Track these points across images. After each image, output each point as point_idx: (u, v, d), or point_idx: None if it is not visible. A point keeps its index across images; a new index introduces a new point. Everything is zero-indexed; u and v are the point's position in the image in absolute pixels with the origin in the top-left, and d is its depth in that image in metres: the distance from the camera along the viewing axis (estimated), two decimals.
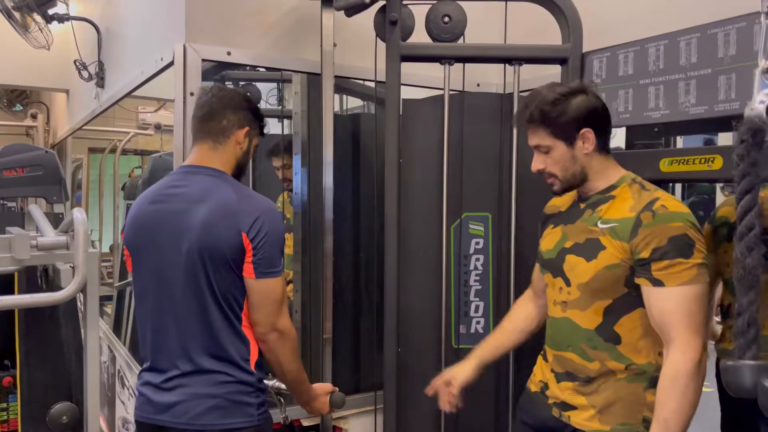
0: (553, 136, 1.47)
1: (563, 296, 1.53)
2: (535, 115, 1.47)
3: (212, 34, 2.02)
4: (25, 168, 3.09)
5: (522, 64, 2.01)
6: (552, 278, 1.57)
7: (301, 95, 2.30)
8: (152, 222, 1.53)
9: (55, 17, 3.35)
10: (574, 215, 1.57)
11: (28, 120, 6.63)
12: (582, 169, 1.50)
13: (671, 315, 1.34)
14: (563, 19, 1.96)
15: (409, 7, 2.00)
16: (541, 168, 1.52)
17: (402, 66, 1.96)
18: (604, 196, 1.51)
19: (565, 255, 1.53)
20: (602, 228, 1.45)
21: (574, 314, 1.50)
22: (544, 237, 1.66)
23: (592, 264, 1.44)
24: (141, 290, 1.56)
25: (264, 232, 1.44)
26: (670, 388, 1.33)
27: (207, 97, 1.58)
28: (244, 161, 1.61)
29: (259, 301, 1.48)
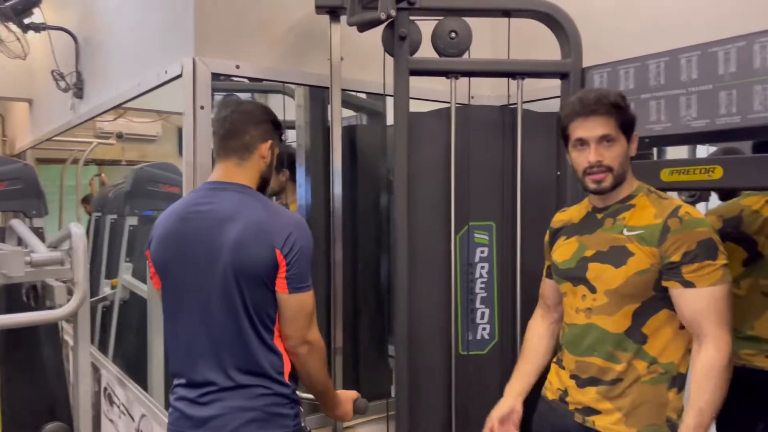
0: (621, 129, 1.52)
1: (587, 303, 1.58)
2: (619, 102, 1.51)
3: (220, 47, 2.02)
4: (3, 182, 3.01)
5: (525, 78, 2.09)
6: (572, 287, 1.63)
7: (304, 108, 2.32)
8: (183, 239, 1.52)
9: (32, 26, 3.26)
10: (591, 226, 1.63)
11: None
12: (626, 171, 1.58)
13: (703, 313, 1.43)
14: (564, 35, 2.05)
15: (416, 23, 2.06)
16: (600, 160, 1.52)
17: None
18: (624, 205, 1.58)
19: (587, 264, 1.58)
20: (629, 235, 1.53)
21: (601, 320, 1.56)
22: (556, 249, 1.71)
23: (622, 270, 1.51)
24: (172, 307, 1.56)
25: (297, 247, 1.46)
26: (705, 380, 1.41)
27: (227, 113, 1.58)
28: (268, 174, 1.62)
29: (292, 315, 1.49)
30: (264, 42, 2.12)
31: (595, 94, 1.54)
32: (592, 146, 1.53)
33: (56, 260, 2.36)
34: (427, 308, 2.14)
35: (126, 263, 3.54)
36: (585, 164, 1.54)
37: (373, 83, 2.18)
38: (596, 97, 1.53)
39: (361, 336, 2.43)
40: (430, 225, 2.13)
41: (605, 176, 1.54)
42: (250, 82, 2.82)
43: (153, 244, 1.57)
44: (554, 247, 1.73)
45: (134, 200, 3.51)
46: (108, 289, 4.12)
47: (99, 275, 4.18)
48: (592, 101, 1.52)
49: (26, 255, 2.32)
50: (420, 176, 2.12)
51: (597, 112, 1.51)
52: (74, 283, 2.28)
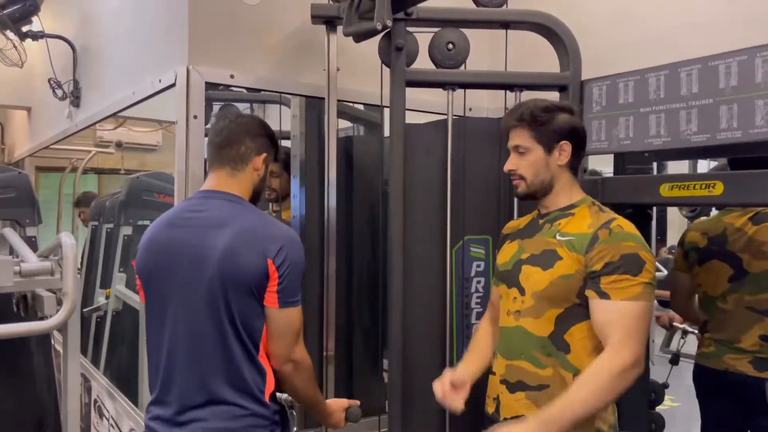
0: (535, 139, 1.58)
1: (517, 305, 1.59)
2: (525, 115, 1.58)
3: (215, 56, 2.00)
4: None
5: (523, 90, 2.06)
6: (506, 289, 1.64)
7: (299, 118, 2.29)
8: (169, 248, 1.49)
9: (30, 35, 3.25)
10: (532, 230, 1.66)
11: None
12: (551, 179, 1.59)
13: (612, 325, 1.42)
14: (562, 47, 2.02)
15: (413, 34, 2.04)
16: (512, 168, 1.61)
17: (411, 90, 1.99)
18: (564, 213, 1.60)
19: (521, 266, 1.60)
20: (560, 240, 1.54)
21: (527, 322, 1.56)
22: (501, 252, 1.74)
23: (548, 273, 1.52)
24: (155, 318, 1.51)
25: (289, 260, 1.43)
26: (591, 378, 1.40)
27: (225, 123, 1.57)
28: (260, 187, 1.60)
29: (280, 332, 1.45)
30: (259, 52, 2.10)
31: (512, 108, 1.65)
32: (510, 156, 1.62)
33: (46, 270, 2.32)
34: (422, 322, 2.10)
35: (119, 273, 3.50)
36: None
37: (370, 94, 2.16)
38: (512, 109, 1.64)
39: (354, 349, 2.39)
40: (426, 238, 2.10)
41: (519, 183, 1.61)
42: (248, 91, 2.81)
43: (139, 253, 1.53)
44: (500, 251, 1.75)
45: (129, 209, 3.48)
46: (103, 299, 4.07)
47: (94, 285, 4.14)
48: (509, 114, 1.63)
49: (15, 264, 2.28)
50: (416, 188, 2.09)
51: (511, 124, 1.60)
52: (64, 293, 2.23)
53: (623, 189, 1.97)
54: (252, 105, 3.58)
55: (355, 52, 2.10)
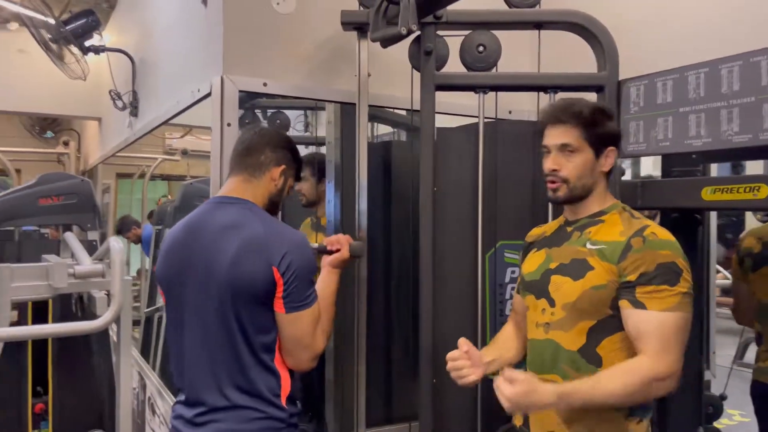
0: (586, 140, 1.48)
1: (546, 317, 1.51)
2: (585, 113, 1.47)
3: (249, 65, 2.05)
4: (60, 196, 3.16)
5: (557, 92, 2.00)
6: (534, 300, 1.56)
7: (334, 124, 2.31)
8: (182, 255, 1.53)
9: (92, 49, 3.44)
10: (560, 238, 1.58)
11: (60, 147, 6.78)
12: (592, 185, 1.51)
13: (648, 335, 1.35)
14: (599, 47, 1.95)
15: (443, 38, 2.02)
16: (554, 168, 1.51)
17: (437, 95, 1.97)
18: (593, 220, 1.52)
19: (550, 276, 1.52)
20: (590, 249, 1.46)
21: (557, 335, 1.48)
22: (526, 261, 1.66)
23: (579, 283, 1.44)
24: (174, 323, 1.56)
25: (295, 266, 1.44)
26: (623, 375, 1.33)
27: (249, 134, 1.62)
28: (277, 199, 1.62)
29: (291, 336, 1.47)
30: (292, 59, 2.13)
31: (564, 103, 1.53)
32: (552, 154, 1.51)
33: (97, 272, 2.44)
34: (454, 330, 2.06)
35: None
36: (545, 171, 1.53)
37: (402, 99, 2.15)
38: (564, 105, 1.51)
39: (387, 355, 2.38)
40: (458, 244, 2.07)
41: (559, 186, 1.51)
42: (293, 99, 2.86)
43: (158, 258, 1.59)
44: (525, 260, 1.67)
45: (182, 214, 3.60)
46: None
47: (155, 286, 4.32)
48: (559, 109, 1.51)
49: (70, 267, 2.41)
50: (448, 193, 2.07)
51: (561, 120, 1.49)
52: (111, 295, 2.34)
53: (663, 193, 1.88)
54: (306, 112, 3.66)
55: (388, 58, 2.10)
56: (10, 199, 3.09)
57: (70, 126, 7.32)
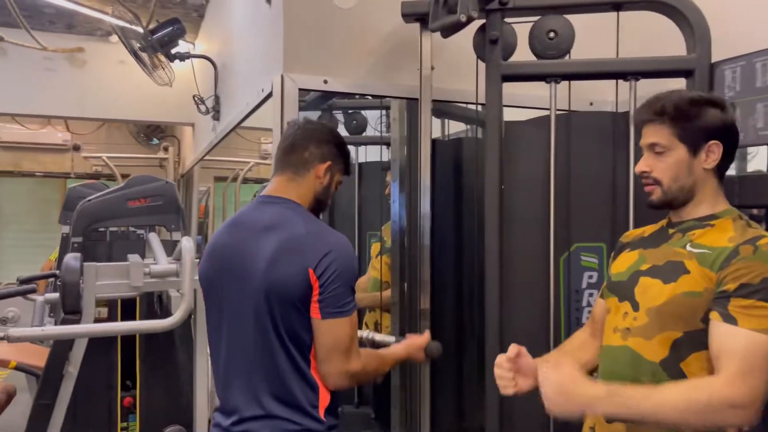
0: (677, 137, 1.31)
1: (627, 322, 1.34)
2: (667, 108, 1.31)
3: (309, 63, 2.01)
4: (147, 198, 3.28)
5: (639, 78, 1.81)
6: (617, 302, 1.39)
7: (399, 121, 2.23)
8: (223, 255, 1.49)
9: (177, 56, 3.55)
10: (658, 240, 1.40)
11: (161, 152, 7.15)
12: (692, 186, 1.33)
13: (732, 354, 1.16)
14: (688, 26, 1.75)
15: (510, 25, 1.88)
16: (645, 171, 1.35)
17: (505, 86, 1.84)
18: (701, 223, 1.33)
19: (638, 277, 1.35)
20: (690, 251, 1.29)
21: (637, 343, 1.31)
22: (616, 261, 1.48)
23: (669, 287, 1.27)
24: (213, 326, 1.52)
25: (333, 269, 1.36)
26: (690, 390, 1.17)
27: (293, 129, 1.55)
28: (323, 197, 1.55)
29: (326, 344, 1.38)
30: (353, 56, 2.08)
31: (649, 100, 1.36)
32: (644, 155, 1.36)
33: (172, 272, 2.49)
34: (524, 340, 1.88)
35: None
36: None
37: (469, 93, 2.03)
38: (648, 102, 1.36)
39: (451, 362, 2.27)
40: (528, 246, 1.93)
41: (653, 189, 1.35)
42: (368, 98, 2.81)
43: (202, 258, 1.56)
44: (616, 261, 1.49)
45: None
46: None
47: None
48: (644, 108, 1.36)
49: (146, 266, 2.48)
50: (517, 191, 1.93)
51: (646, 119, 1.35)
52: (182, 294, 2.38)
53: (764, 189, 1.65)
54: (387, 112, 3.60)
55: (454, 49, 2.00)
56: (102, 201, 3.24)
57: (172, 132, 7.71)
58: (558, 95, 1.89)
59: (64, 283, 2.52)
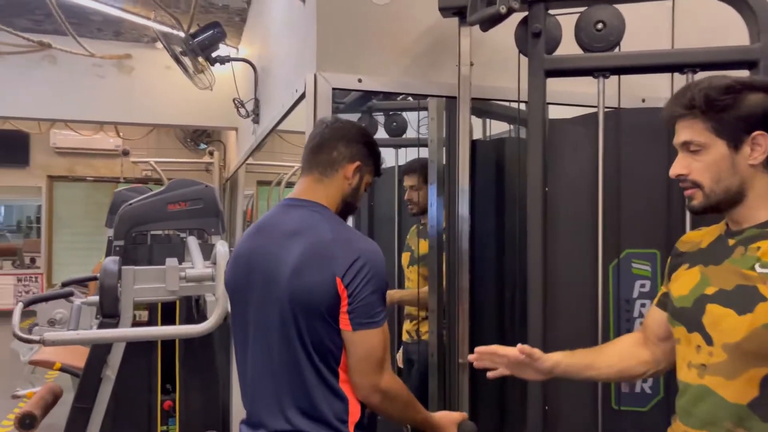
0: (713, 131, 1.17)
1: (702, 358, 1.19)
2: (697, 100, 1.17)
3: (343, 61, 1.95)
4: (187, 202, 3.27)
5: (697, 71, 1.67)
6: (686, 333, 1.23)
7: (437, 121, 2.14)
8: (248, 261, 1.43)
9: (218, 59, 3.55)
10: (719, 254, 1.23)
11: (206, 157, 7.26)
12: (740, 185, 1.18)
13: None
14: (750, 13, 1.60)
15: (555, 17, 1.77)
16: (681, 173, 1.21)
17: (549, 83, 1.73)
18: (764, 231, 1.17)
19: (705, 304, 1.20)
20: (761, 273, 1.13)
21: (717, 383, 1.16)
22: (676, 279, 1.32)
23: (747, 319, 1.12)
24: (239, 335, 1.46)
25: (362, 276, 1.28)
26: None
27: (320, 128, 1.48)
28: (352, 199, 1.47)
29: (358, 356, 1.30)
30: (389, 53, 2.00)
31: (679, 92, 1.22)
32: (678, 155, 1.23)
33: (206, 276, 2.46)
34: None
35: None
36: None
37: (511, 90, 1.93)
38: (677, 95, 1.22)
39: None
40: (574, 252, 1.81)
41: (693, 192, 1.22)
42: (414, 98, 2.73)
43: (228, 264, 1.50)
44: (674, 276, 1.33)
45: None
46: None
47: None
48: (675, 101, 1.22)
49: (182, 270, 2.46)
50: (562, 194, 1.82)
51: (680, 113, 1.20)
52: (216, 299, 2.35)
53: None
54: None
55: (496, 45, 1.90)
56: (143, 205, 3.25)
57: (218, 137, 7.82)
58: (607, 92, 1.78)
59: (102, 286, 2.53)
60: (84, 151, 9.52)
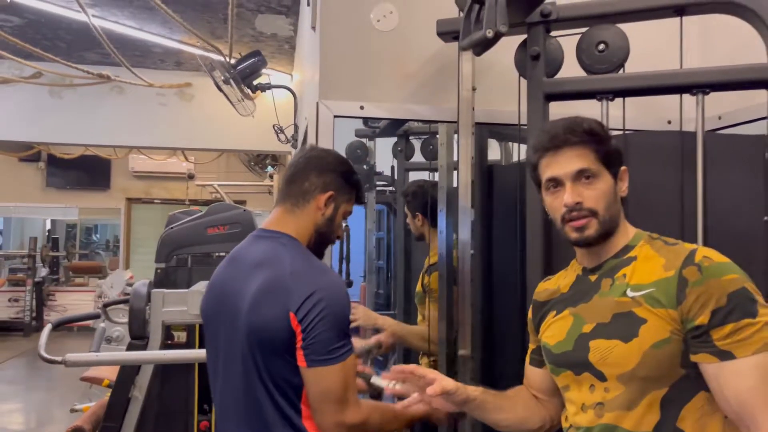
0: (602, 162, 1.19)
1: (597, 396, 1.16)
2: (596, 129, 1.20)
3: (346, 89, 1.95)
4: (225, 225, 3.36)
5: (707, 92, 1.56)
6: (574, 376, 1.19)
7: (447, 146, 2.10)
8: (219, 292, 1.43)
9: (259, 87, 3.65)
10: (584, 292, 1.24)
11: (267, 180, 7.46)
12: (618, 215, 1.22)
13: (753, 394, 1.03)
14: (765, 28, 1.48)
15: (556, 40, 1.71)
16: (578, 201, 1.18)
17: (569, 105, 1.67)
18: (622, 260, 1.20)
19: (587, 342, 1.18)
20: (634, 296, 1.14)
21: (618, 417, 1.13)
22: (546, 328, 1.29)
23: (634, 344, 1.11)
24: (211, 366, 1.45)
25: (317, 312, 1.24)
26: None
27: (296, 158, 1.48)
28: (326, 229, 1.43)
29: (315, 394, 1.26)
30: (393, 80, 1.99)
31: (564, 122, 1.22)
32: (568, 185, 1.19)
33: None
34: None
35: None
36: (562, 209, 1.20)
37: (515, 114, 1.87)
38: (566, 124, 1.21)
39: None
40: None
41: (587, 221, 1.19)
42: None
43: (204, 293, 1.51)
44: (542, 327, 1.30)
45: None
46: None
47: None
48: (561, 130, 1.21)
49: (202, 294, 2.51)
50: None
51: (569, 142, 1.19)
52: None
53: None
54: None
55: (501, 69, 1.85)
56: (183, 229, 3.36)
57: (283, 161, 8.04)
58: (628, 114, 1.70)
59: (131, 308, 2.62)
60: (159, 175, 10.04)
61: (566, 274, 1.33)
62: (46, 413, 5.96)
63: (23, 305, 9.31)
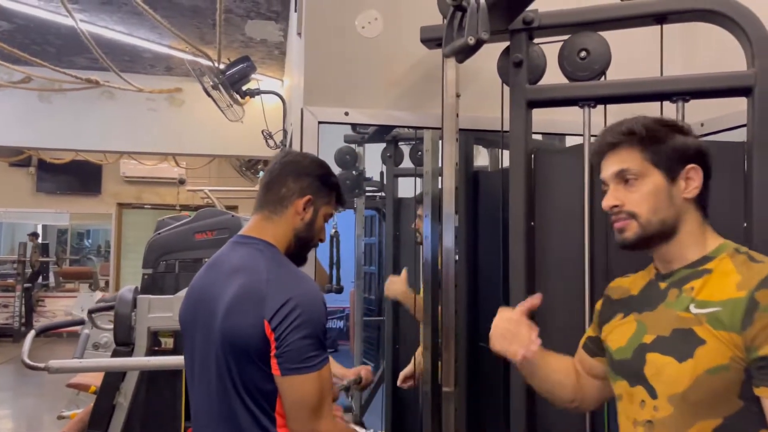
0: (650, 161, 1.13)
1: (646, 413, 1.10)
2: (636, 128, 1.15)
3: (330, 95, 1.95)
4: (213, 231, 3.35)
5: (687, 99, 1.57)
6: (628, 387, 1.15)
7: (432, 153, 2.11)
8: (197, 298, 1.43)
9: (247, 92, 3.65)
10: (652, 299, 1.17)
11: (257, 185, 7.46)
12: (675, 219, 1.13)
13: None
14: (744, 37, 1.49)
15: (539, 47, 1.71)
16: (616, 204, 1.15)
17: (558, 111, 1.68)
18: (696, 270, 1.12)
19: (644, 354, 1.12)
20: (697, 313, 1.07)
21: None
22: (611, 330, 1.24)
23: (688, 366, 1.04)
24: (188, 372, 1.45)
25: (291, 320, 1.23)
26: None
27: (272, 164, 1.47)
28: (307, 233, 1.43)
29: (289, 402, 1.26)
30: (378, 86, 1.99)
31: (616, 124, 1.17)
32: (610, 188, 1.18)
33: None
34: None
35: None
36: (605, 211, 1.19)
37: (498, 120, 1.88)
38: (611, 126, 1.20)
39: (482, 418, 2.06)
40: (563, 290, 1.71)
41: (626, 224, 1.15)
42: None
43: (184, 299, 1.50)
44: (608, 328, 1.25)
45: None
46: None
47: None
48: (610, 133, 1.19)
49: None
50: (549, 229, 1.74)
51: (615, 145, 1.17)
52: None
53: None
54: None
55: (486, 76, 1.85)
56: (170, 234, 3.36)
57: None
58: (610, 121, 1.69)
59: (116, 315, 2.61)
60: (150, 180, 10.00)
61: (641, 276, 1.27)
62: (35, 420, 5.91)
63: (12, 311, 9.25)
